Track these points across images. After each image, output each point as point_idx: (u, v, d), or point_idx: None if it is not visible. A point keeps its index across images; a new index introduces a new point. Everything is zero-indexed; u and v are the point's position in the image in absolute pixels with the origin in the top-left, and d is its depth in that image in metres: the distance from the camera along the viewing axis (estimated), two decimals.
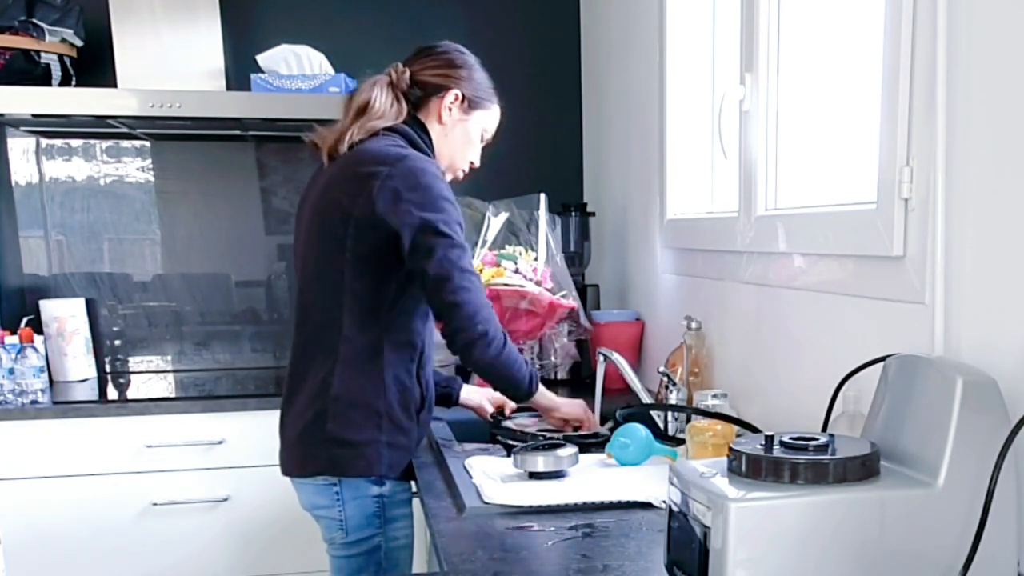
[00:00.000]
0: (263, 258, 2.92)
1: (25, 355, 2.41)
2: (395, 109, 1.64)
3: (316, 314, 1.63)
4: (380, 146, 1.59)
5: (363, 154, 1.58)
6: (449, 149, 1.70)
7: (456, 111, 1.67)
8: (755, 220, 1.65)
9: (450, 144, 1.70)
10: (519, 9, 2.98)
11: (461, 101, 1.67)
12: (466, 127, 1.70)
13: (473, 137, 1.72)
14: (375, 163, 1.55)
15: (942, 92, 1.11)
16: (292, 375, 1.68)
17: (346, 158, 1.60)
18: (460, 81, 1.67)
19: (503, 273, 2.17)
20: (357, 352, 1.58)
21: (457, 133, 1.69)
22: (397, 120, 1.64)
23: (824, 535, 0.90)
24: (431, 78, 1.66)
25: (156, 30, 2.50)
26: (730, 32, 1.80)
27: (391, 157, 1.55)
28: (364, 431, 1.58)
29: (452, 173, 1.74)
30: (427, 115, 1.68)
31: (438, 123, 1.68)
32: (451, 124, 1.68)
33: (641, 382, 1.89)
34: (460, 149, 1.72)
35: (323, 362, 1.60)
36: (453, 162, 1.73)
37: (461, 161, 1.74)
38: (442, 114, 1.67)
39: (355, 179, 1.55)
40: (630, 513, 1.31)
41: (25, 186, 2.75)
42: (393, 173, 1.52)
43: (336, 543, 1.64)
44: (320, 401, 1.59)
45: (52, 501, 2.33)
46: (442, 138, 1.69)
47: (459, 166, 1.74)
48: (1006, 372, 1.00)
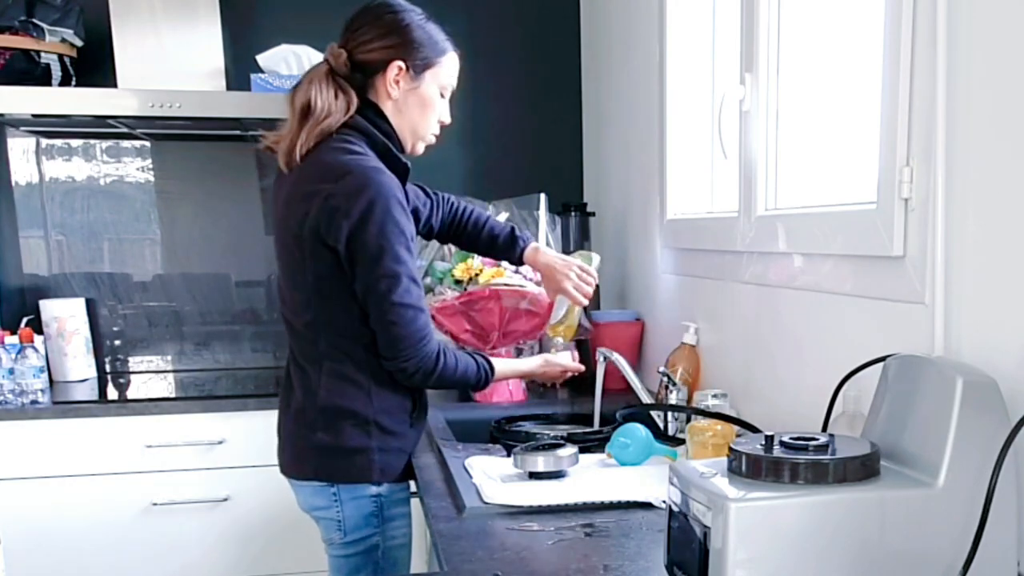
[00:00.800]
0: (263, 258, 2.92)
1: (25, 355, 2.41)
2: (341, 102, 1.54)
3: (297, 326, 1.62)
4: (328, 157, 1.51)
5: (311, 168, 1.52)
6: (409, 122, 1.60)
7: (403, 83, 1.56)
8: (755, 220, 1.65)
9: (408, 117, 1.60)
10: (519, 9, 2.98)
11: (406, 71, 1.56)
12: (419, 93, 1.59)
13: (430, 99, 1.60)
14: (318, 179, 1.49)
15: (942, 92, 1.11)
16: (286, 377, 1.69)
17: (298, 172, 1.54)
18: (399, 49, 1.55)
19: (503, 273, 2.17)
20: (340, 363, 1.58)
21: (411, 103, 1.59)
22: (348, 114, 1.54)
23: (824, 535, 0.90)
24: (369, 55, 1.55)
25: (156, 30, 2.50)
26: (730, 32, 1.80)
27: (335, 171, 1.49)
28: (353, 439, 1.58)
29: (422, 142, 1.65)
30: (376, 95, 1.58)
31: (388, 100, 1.57)
32: (402, 97, 1.57)
33: (641, 382, 1.89)
34: (420, 118, 1.61)
35: (309, 371, 1.60)
36: (417, 133, 1.63)
37: (424, 129, 1.63)
38: (389, 91, 1.56)
39: (302, 197, 1.51)
40: (630, 513, 1.31)
41: (25, 186, 2.75)
42: (335, 191, 1.47)
43: (335, 543, 1.64)
44: (309, 410, 1.60)
45: (52, 501, 2.33)
46: (397, 114, 1.59)
47: (423, 134, 1.64)
48: (1006, 372, 1.00)
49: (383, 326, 1.53)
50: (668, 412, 1.78)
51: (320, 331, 1.58)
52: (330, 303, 1.55)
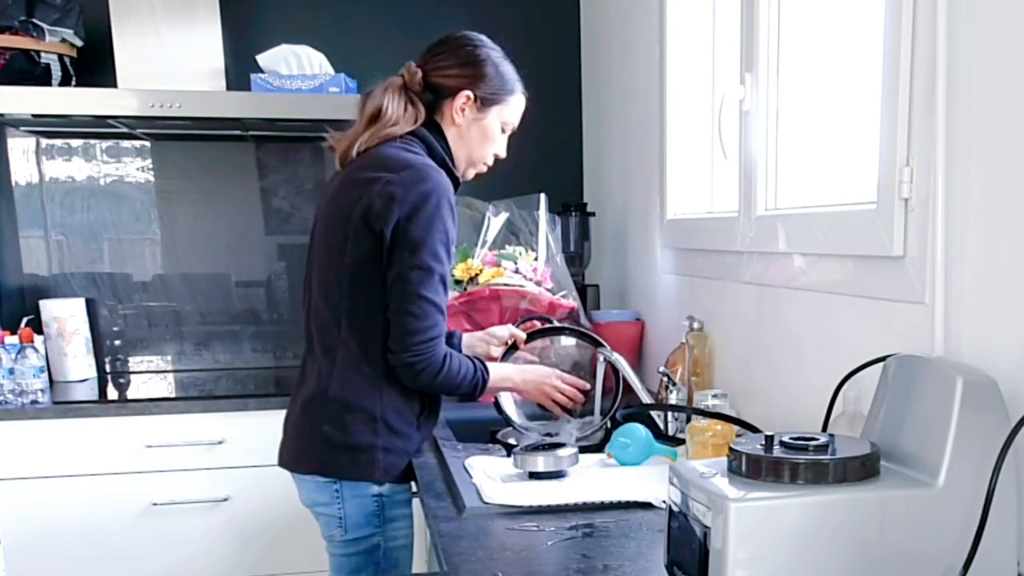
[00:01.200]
0: (263, 258, 2.92)
1: (25, 355, 2.41)
2: (410, 114, 1.62)
3: (320, 315, 1.63)
4: (391, 151, 1.58)
5: (371, 159, 1.58)
6: (466, 150, 1.68)
7: (469, 112, 1.64)
8: (755, 220, 1.65)
9: (467, 144, 1.67)
10: (519, 9, 2.98)
11: (473, 101, 1.63)
12: (482, 125, 1.66)
13: (491, 133, 1.68)
14: (380, 168, 1.54)
15: (942, 92, 1.11)
16: (300, 371, 1.70)
17: (355, 163, 1.60)
18: (471, 80, 1.63)
19: (503, 273, 2.17)
20: (355, 356, 1.58)
21: (473, 133, 1.66)
22: (414, 125, 1.62)
23: (824, 535, 0.90)
24: (442, 80, 1.63)
25: (156, 30, 2.50)
26: (730, 32, 1.80)
27: (397, 164, 1.54)
28: (360, 435, 1.58)
29: (474, 169, 1.73)
30: (441, 117, 1.65)
31: (452, 125, 1.65)
32: (466, 125, 1.65)
33: (641, 382, 1.88)
34: (478, 147, 1.69)
35: (323, 364, 1.61)
36: (472, 160, 1.70)
37: (480, 159, 1.71)
38: (454, 117, 1.64)
39: (359, 183, 1.55)
40: (630, 513, 1.31)
41: (25, 186, 2.75)
42: (394, 179, 1.52)
43: (335, 540, 1.65)
44: (318, 402, 1.60)
45: (52, 501, 2.33)
46: (458, 140, 1.66)
47: (478, 162, 1.72)
48: (1006, 372, 1.00)
49: (402, 315, 1.53)
50: (668, 412, 1.77)
51: (343, 316, 1.58)
52: (359, 288, 1.57)
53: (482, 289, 2.13)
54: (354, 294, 1.57)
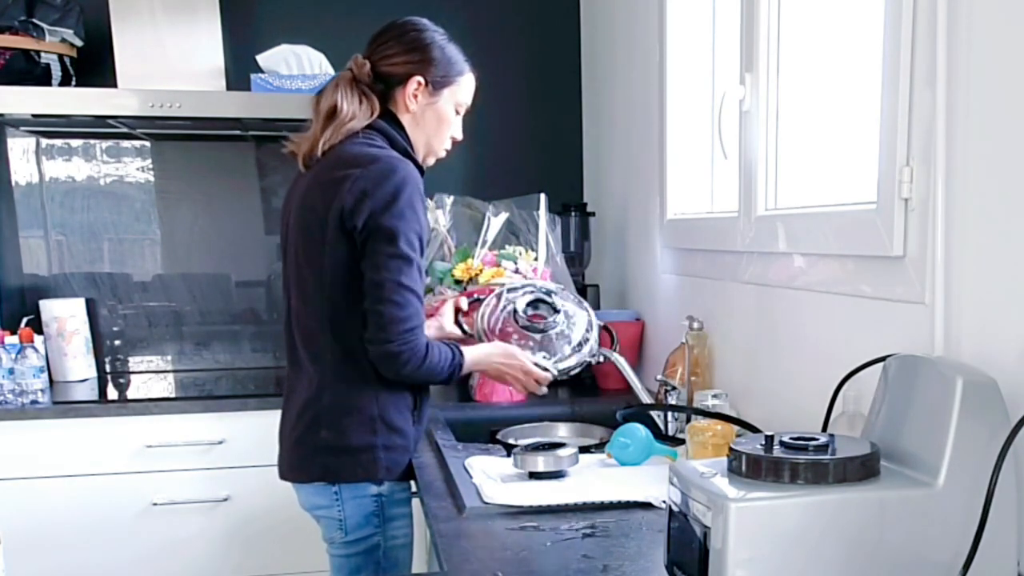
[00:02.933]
0: (263, 258, 2.92)
1: (25, 355, 2.41)
2: (365, 107, 1.61)
3: (301, 323, 1.63)
4: (354, 148, 1.57)
5: (337, 157, 1.57)
6: (424, 135, 1.67)
7: (421, 97, 1.63)
8: (755, 220, 1.65)
9: (424, 130, 1.66)
10: (519, 9, 2.98)
11: (425, 86, 1.63)
12: (436, 108, 1.65)
13: (446, 116, 1.67)
14: (347, 165, 1.54)
15: (942, 92, 1.11)
16: (288, 379, 1.69)
17: (322, 164, 1.59)
18: (422, 65, 1.62)
19: (503, 273, 2.17)
20: (342, 359, 1.58)
21: (428, 117, 1.65)
22: (371, 117, 1.61)
23: (824, 535, 0.90)
24: (391, 68, 1.62)
25: (156, 30, 2.50)
26: (730, 32, 1.80)
27: (364, 158, 1.54)
28: (359, 437, 1.58)
29: (433, 155, 1.72)
30: (395, 106, 1.64)
31: (407, 112, 1.64)
32: (420, 111, 1.64)
33: (641, 382, 1.88)
34: (435, 132, 1.68)
35: (312, 370, 1.61)
36: (431, 146, 1.69)
37: (438, 143, 1.70)
38: (408, 103, 1.63)
39: (329, 184, 1.54)
40: (630, 513, 1.31)
41: (25, 186, 2.75)
42: (363, 174, 1.51)
43: (336, 542, 1.64)
44: (313, 409, 1.60)
45: (52, 501, 2.33)
46: (414, 126, 1.65)
47: (436, 148, 1.71)
48: (1006, 372, 1.00)
49: (381, 304, 1.51)
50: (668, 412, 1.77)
51: (327, 322, 1.58)
52: (342, 293, 1.56)
53: (482, 289, 2.12)
54: (336, 298, 1.57)
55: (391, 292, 1.51)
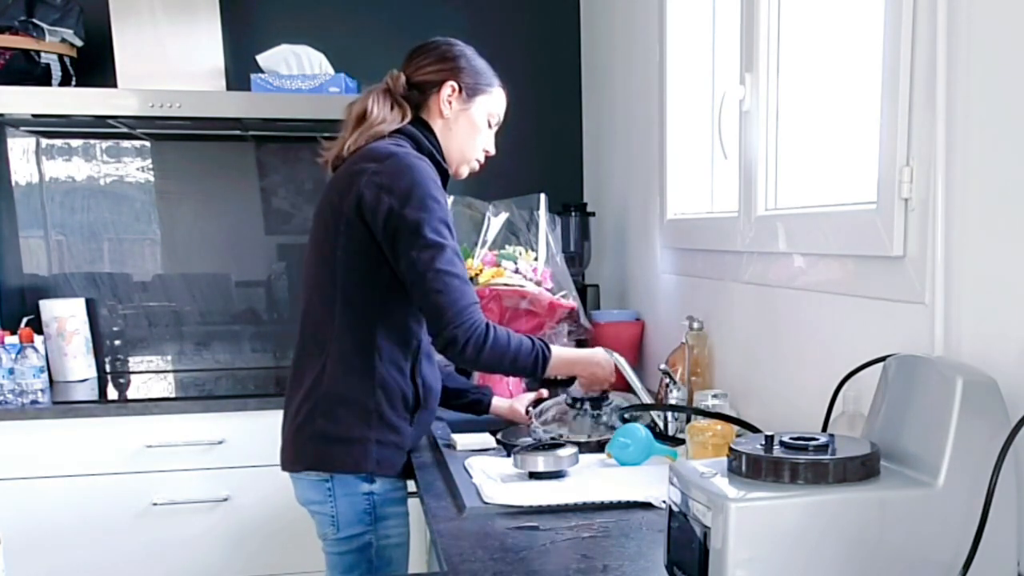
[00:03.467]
0: (263, 258, 2.92)
1: (25, 355, 2.41)
2: (395, 113, 1.64)
3: (312, 313, 1.64)
4: (376, 145, 1.60)
5: (356, 157, 1.60)
6: (457, 142, 1.69)
7: (456, 102, 1.66)
8: (755, 220, 1.65)
9: (457, 137, 1.69)
10: (519, 9, 2.98)
11: (459, 92, 1.66)
12: (469, 115, 1.68)
13: (479, 124, 1.70)
14: (365, 160, 1.56)
15: (942, 92, 1.11)
16: (292, 373, 1.70)
17: (344, 164, 1.62)
18: (454, 72, 1.66)
19: (503, 273, 2.17)
20: (348, 350, 1.59)
21: (461, 124, 1.68)
22: (401, 123, 1.64)
23: (824, 535, 0.90)
24: (426, 76, 1.66)
25: (156, 30, 2.50)
26: (730, 32, 1.80)
27: (382, 154, 1.56)
28: (353, 428, 1.59)
29: (467, 165, 1.73)
30: (429, 113, 1.67)
31: (440, 118, 1.67)
32: (453, 116, 1.67)
33: (641, 382, 1.88)
34: (468, 140, 1.70)
35: (317, 360, 1.61)
36: (464, 154, 1.71)
37: (471, 151, 1.72)
38: (442, 108, 1.66)
39: (347, 177, 1.57)
40: (630, 513, 1.31)
41: (25, 186, 2.75)
42: (380, 169, 1.53)
43: (329, 539, 1.66)
44: (313, 398, 1.61)
45: (52, 501, 2.33)
46: (447, 132, 1.68)
47: (470, 157, 1.73)
48: (1006, 372, 1.00)
49: (428, 296, 1.52)
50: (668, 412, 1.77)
51: (336, 309, 1.59)
52: (354, 282, 1.58)
53: (482, 289, 2.12)
54: (348, 287, 1.58)
55: (432, 282, 1.51)
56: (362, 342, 1.59)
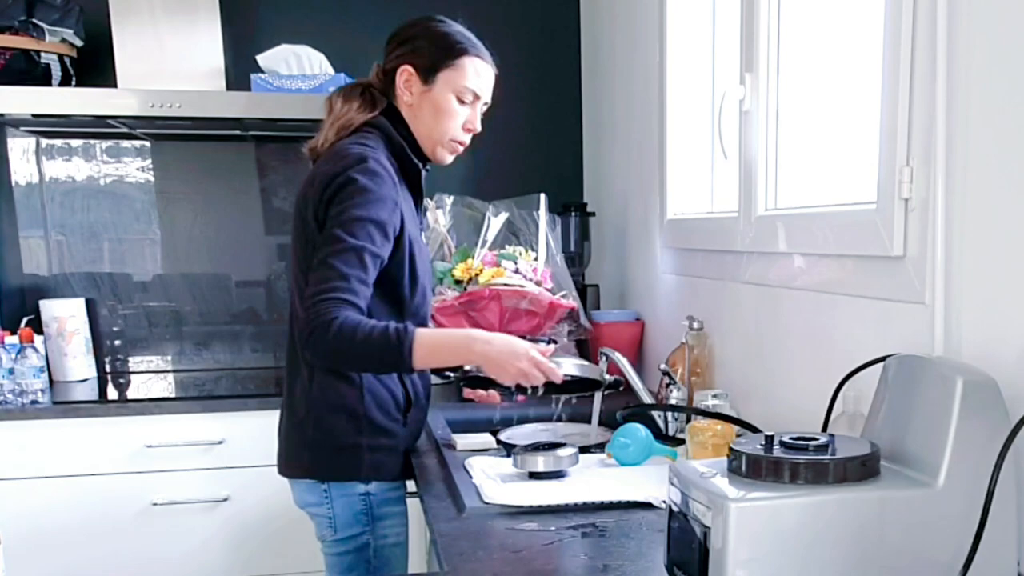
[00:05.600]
0: (263, 258, 2.92)
1: (25, 355, 2.41)
2: (359, 106, 1.60)
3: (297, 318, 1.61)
4: (338, 146, 1.56)
5: (324, 156, 1.58)
6: (424, 127, 1.62)
7: (415, 86, 1.60)
8: (755, 220, 1.65)
9: (423, 121, 1.61)
10: (519, 9, 2.98)
11: (415, 74, 1.59)
12: (432, 97, 1.60)
13: (444, 105, 1.60)
14: (323, 163, 1.55)
15: (942, 92, 1.11)
16: (285, 378, 1.70)
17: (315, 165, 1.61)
18: (408, 54, 1.60)
19: (503, 273, 2.17)
20: None
21: (425, 108, 1.61)
22: (369, 114, 1.60)
23: (824, 535, 0.90)
24: (389, 64, 1.63)
25: (156, 30, 2.50)
26: (730, 32, 1.80)
27: (337, 156, 1.53)
28: (344, 435, 1.59)
29: (442, 148, 1.64)
30: (398, 101, 1.63)
31: (404, 105, 1.62)
32: (416, 101, 1.60)
33: (641, 382, 1.89)
34: (433, 123, 1.61)
35: (303, 368, 1.61)
36: (434, 138, 1.62)
37: (440, 134, 1.62)
38: (402, 96, 1.61)
39: (308, 181, 1.56)
40: (630, 513, 1.31)
41: (25, 186, 2.75)
42: (330, 170, 1.51)
43: (327, 540, 1.66)
44: (303, 406, 1.60)
45: (52, 501, 2.33)
46: (414, 119, 1.62)
47: (441, 139, 1.63)
48: (1006, 372, 1.00)
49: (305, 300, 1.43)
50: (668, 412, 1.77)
51: None
52: None
53: (482, 289, 2.12)
54: None
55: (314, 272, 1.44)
56: None
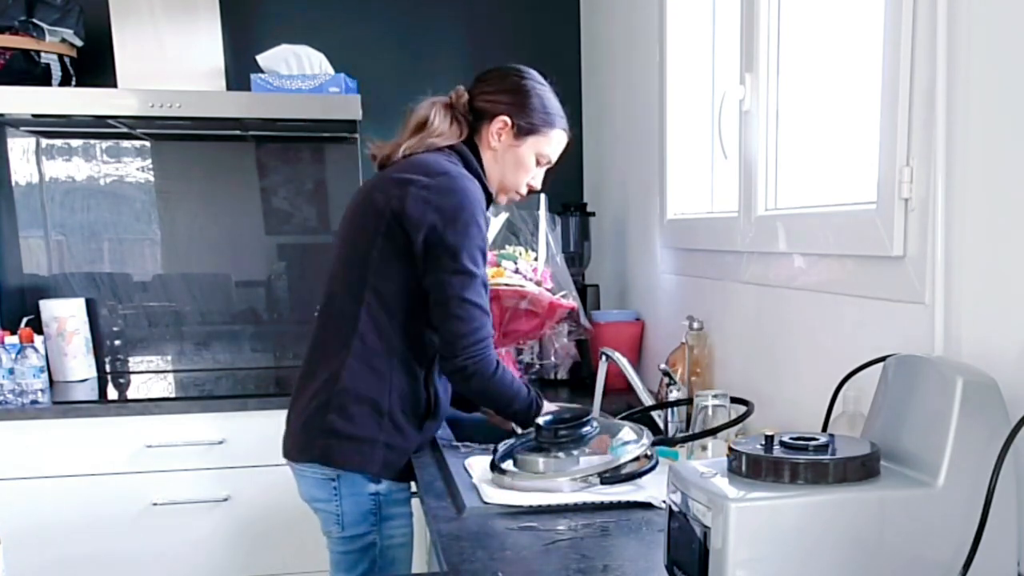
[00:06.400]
0: (263, 258, 2.92)
1: (25, 355, 2.41)
2: (453, 129, 1.67)
3: (337, 306, 1.65)
4: (430, 158, 1.62)
5: (410, 162, 1.62)
6: (500, 174, 1.71)
7: (505, 137, 1.68)
8: (755, 220, 1.65)
9: (501, 169, 1.71)
10: (519, 9, 2.98)
11: (511, 127, 1.67)
12: (517, 153, 1.70)
13: (525, 162, 1.71)
14: (417, 171, 1.58)
15: (942, 92, 1.11)
16: (306, 364, 1.70)
17: (396, 166, 1.64)
18: (511, 107, 1.67)
19: (503, 273, 2.16)
20: (369, 349, 1.60)
21: (508, 159, 1.70)
22: (457, 139, 1.67)
23: (824, 535, 0.90)
24: (485, 104, 1.68)
25: (156, 30, 2.50)
26: (730, 32, 1.80)
27: (434, 169, 1.58)
28: (364, 427, 1.59)
29: (504, 194, 1.76)
30: (480, 140, 1.70)
31: (488, 148, 1.69)
32: (501, 150, 1.69)
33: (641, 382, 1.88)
34: (511, 174, 1.72)
35: (336, 355, 1.61)
36: (504, 185, 1.73)
37: (512, 185, 1.74)
38: (490, 140, 1.68)
39: (394, 183, 1.59)
40: (630, 513, 1.31)
41: (25, 186, 2.75)
42: (430, 184, 1.55)
43: (333, 536, 1.66)
44: (326, 392, 1.61)
45: (52, 501, 2.33)
46: (492, 163, 1.70)
47: (511, 189, 1.75)
48: (1006, 372, 1.00)
49: (448, 320, 1.56)
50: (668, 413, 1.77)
51: (364, 309, 1.60)
52: (384, 284, 1.59)
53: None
54: (378, 288, 1.59)
55: (455, 307, 1.55)
56: (384, 344, 1.60)
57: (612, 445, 1.48)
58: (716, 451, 1.47)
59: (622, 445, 1.47)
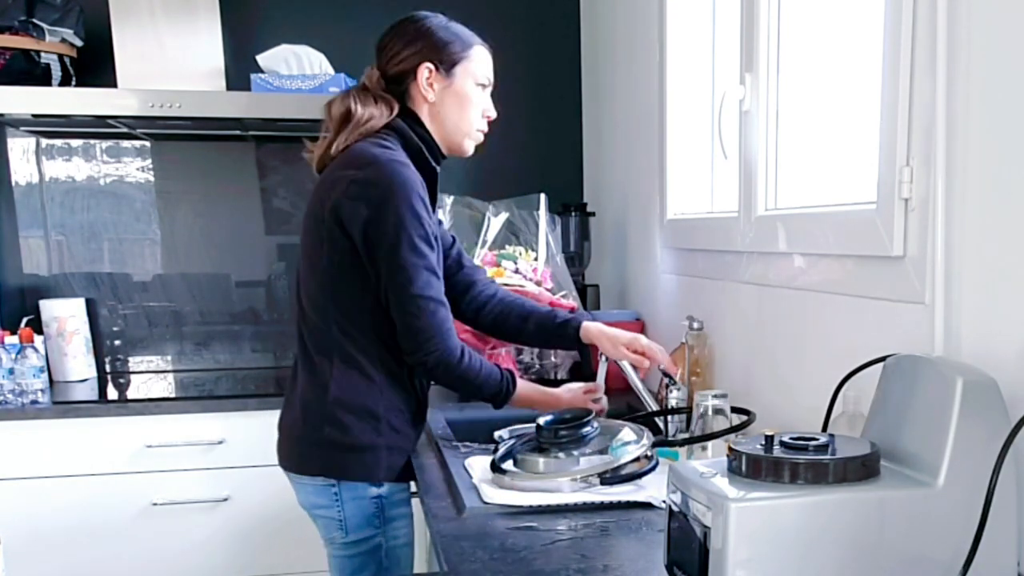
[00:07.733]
0: (263, 258, 2.92)
1: (25, 355, 2.41)
2: (381, 108, 1.59)
3: (311, 321, 1.62)
4: (361, 147, 1.55)
5: (344, 157, 1.56)
6: (451, 122, 1.63)
7: (436, 83, 1.60)
8: (755, 220, 1.65)
9: (449, 117, 1.62)
10: (519, 9, 2.98)
11: (436, 71, 1.60)
12: (454, 90, 1.61)
13: (466, 95, 1.62)
14: (346, 166, 1.53)
15: (942, 92, 1.11)
16: (292, 374, 1.69)
17: (330, 166, 1.59)
18: (425, 53, 1.59)
19: (503, 273, 2.17)
20: (351, 356, 1.58)
21: (448, 102, 1.61)
22: (389, 117, 1.60)
23: (824, 535, 0.90)
24: (399, 66, 1.60)
25: (156, 30, 2.50)
26: (730, 32, 1.80)
27: (362, 160, 1.52)
28: (363, 435, 1.58)
29: (469, 139, 1.66)
30: (413, 102, 1.62)
31: (425, 103, 1.61)
32: (438, 98, 1.61)
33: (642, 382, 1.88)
34: (461, 115, 1.63)
35: (320, 364, 1.60)
36: (460, 130, 1.64)
37: (468, 125, 1.64)
38: (425, 94, 1.60)
39: (328, 183, 1.54)
40: (630, 513, 1.31)
41: (25, 186, 2.75)
42: (357, 177, 1.50)
43: (336, 543, 1.64)
44: (318, 404, 1.60)
45: (52, 501, 2.33)
46: (435, 116, 1.62)
47: (467, 131, 1.65)
48: (1006, 372, 1.00)
49: (402, 317, 1.54)
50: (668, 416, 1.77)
51: (332, 318, 1.58)
52: (342, 289, 1.56)
53: None
54: (338, 297, 1.57)
55: (405, 304, 1.53)
56: (364, 350, 1.58)
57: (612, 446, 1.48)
58: (716, 451, 1.47)
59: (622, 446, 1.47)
